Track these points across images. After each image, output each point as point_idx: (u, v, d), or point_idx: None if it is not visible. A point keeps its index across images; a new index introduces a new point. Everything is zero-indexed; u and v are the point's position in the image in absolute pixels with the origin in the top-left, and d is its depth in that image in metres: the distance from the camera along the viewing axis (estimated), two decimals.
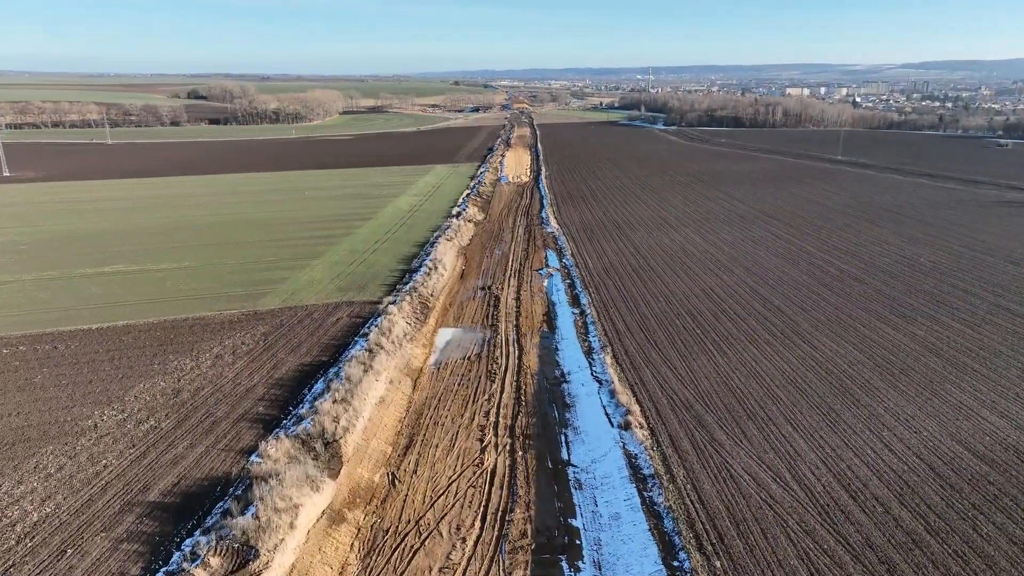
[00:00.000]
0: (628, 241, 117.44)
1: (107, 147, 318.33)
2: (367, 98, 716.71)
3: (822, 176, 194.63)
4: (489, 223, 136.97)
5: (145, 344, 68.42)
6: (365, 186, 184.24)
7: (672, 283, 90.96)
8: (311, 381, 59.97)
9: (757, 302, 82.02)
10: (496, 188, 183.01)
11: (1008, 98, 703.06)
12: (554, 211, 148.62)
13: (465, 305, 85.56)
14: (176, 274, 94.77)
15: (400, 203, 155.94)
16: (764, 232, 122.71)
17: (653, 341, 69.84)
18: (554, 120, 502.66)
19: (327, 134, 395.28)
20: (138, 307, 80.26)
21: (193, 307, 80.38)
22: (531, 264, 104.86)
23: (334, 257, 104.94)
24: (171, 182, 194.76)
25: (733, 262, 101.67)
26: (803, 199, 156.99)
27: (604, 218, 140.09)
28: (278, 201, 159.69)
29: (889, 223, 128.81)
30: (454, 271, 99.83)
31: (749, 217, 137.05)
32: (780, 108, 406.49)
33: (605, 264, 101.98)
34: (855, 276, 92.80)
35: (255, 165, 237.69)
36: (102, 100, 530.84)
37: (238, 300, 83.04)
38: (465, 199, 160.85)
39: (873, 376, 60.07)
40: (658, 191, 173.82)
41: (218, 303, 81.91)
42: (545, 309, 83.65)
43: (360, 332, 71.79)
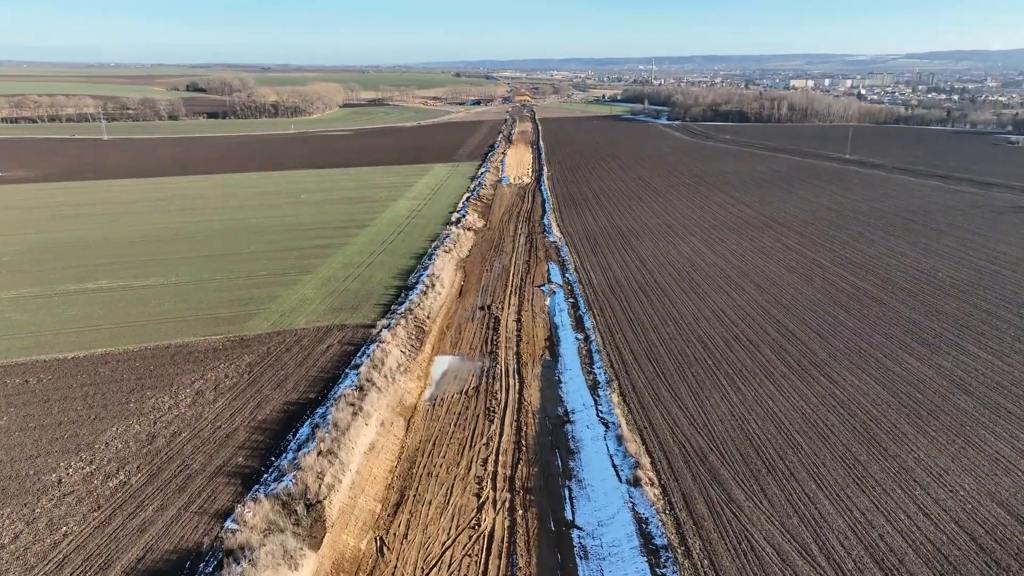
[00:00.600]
0: (633, 252, 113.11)
1: (103, 143, 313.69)
2: (367, 90, 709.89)
3: (831, 178, 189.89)
4: (489, 231, 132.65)
5: (123, 377, 64.37)
6: (363, 188, 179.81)
7: (680, 303, 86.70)
8: (296, 424, 55.91)
9: (771, 326, 77.80)
10: (497, 190, 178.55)
11: (1015, 90, 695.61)
12: (556, 217, 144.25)
13: (463, 328, 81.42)
14: (162, 292, 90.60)
15: (398, 208, 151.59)
16: (774, 242, 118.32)
17: (662, 374, 65.68)
18: (556, 114, 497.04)
19: (326, 129, 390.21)
20: (119, 331, 76.17)
21: (177, 331, 76.30)
22: (532, 279, 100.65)
23: (327, 271, 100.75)
24: (165, 183, 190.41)
25: (743, 277, 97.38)
26: (813, 204, 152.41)
27: (608, 225, 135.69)
28: (274, 205, 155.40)
29: (903, 232, 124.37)
30: (452, 287, 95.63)
31: (758, 225, 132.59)
32: (785, 103, 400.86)
33: (610, 280, 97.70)
34: (872, 295, 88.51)
35: (252, 164, 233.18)
36: (100, 93, 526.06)
37: (225, 323, 78.95)
38: (465, 203, 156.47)
39: (899, 419, 55.91)
40: (663, 194, 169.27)
41: (203, 326, 77.84)
42: (547, 333, 79.50)
43: (351, 363, 67.69)
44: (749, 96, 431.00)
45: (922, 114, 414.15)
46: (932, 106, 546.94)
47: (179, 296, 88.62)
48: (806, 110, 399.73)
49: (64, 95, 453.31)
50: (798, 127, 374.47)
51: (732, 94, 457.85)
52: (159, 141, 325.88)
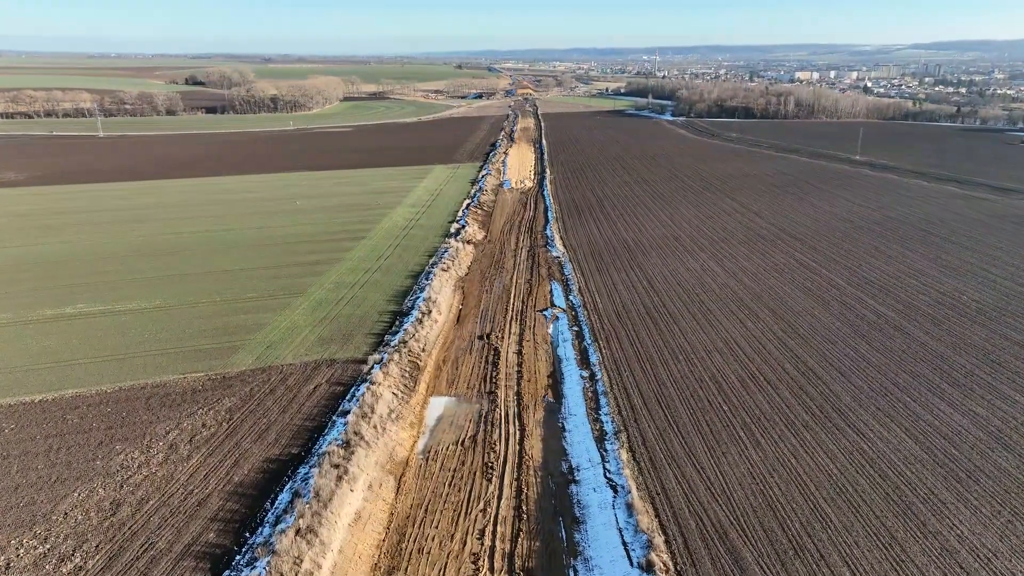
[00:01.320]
0: (640, 270, 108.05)
1: (98, 141, 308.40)
2: (368, 83, 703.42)
3: (843, 182, 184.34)
4: (490, 243, 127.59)
5: (92, 426, 59.64)
6: (360, 193, 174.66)
7: (691, 332, 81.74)
8: (276, 487, 51.19)
9: (788, 362, 72.84)
10: (498, 196, 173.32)
11: (1023, 83, 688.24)
12: (559, 227, 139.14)
13: (461, 361, 76.54)
14: (144, 319, 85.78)
15: (396, 217, 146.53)
16: (787, 258, 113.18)
17: (674, 423, 60.80)
18: (559, 109, 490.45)
19: (326, 125, 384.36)
20: (94, 368, 71.44)
21: (156, 367, 71.55)
22: (535, 301, 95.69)
23: (319, 293, 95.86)
24: (158, 188, 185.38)
25: (757, 301, 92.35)
26: (826, 213, 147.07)
27: (613, 237, 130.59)
28: (268, 212, 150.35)
29: (921, 246, 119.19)
30: (450, 312, 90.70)
31: (769, 237, 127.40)
32: (792, 98, 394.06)
33: (616, 304, 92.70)
34: (893, 322, 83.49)
35: (248, 164, 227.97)
36: (97, 87, 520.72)
37: (207, 357, 74.16)
38: (465, 211, 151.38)
39: (936, 483, 51.04)
40: (669, 201, 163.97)
41: (184, 361, 73.07)
42: (550, 368, 74.62)
43: (339, 408, 62.89)
44: (755, 92, 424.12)
45: (931, 110, 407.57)
46: (940, 100, 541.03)
47: (161, 324, 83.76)
48: (813, 106, 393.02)
49: (60, 90, 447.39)
50: (805, 124, 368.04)
51: (737, 89, 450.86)
52: (155, 138, 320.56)
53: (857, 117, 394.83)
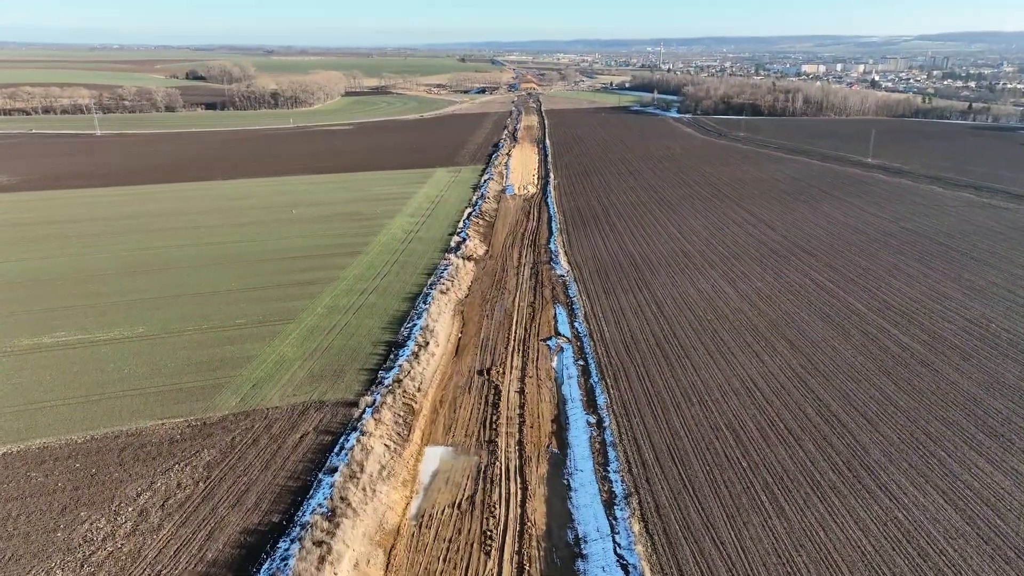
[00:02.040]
0: (648, 291, 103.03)
1: (94, 140, 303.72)
2: (370, 77, 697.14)
3: (855, 188, 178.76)
4: (491, 259, 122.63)
5: (57, 486, 55.05)
6: (359, 200, 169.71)
7: (704, 368, 76.81)
8: (252, 568, 46.46)
9: (810, 405, 67.89)
10: (501, 204, 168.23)
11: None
12: (564, 240, 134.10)
13: (459, 402, 71.73)
14: (125, 350, 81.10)
15: (394, 227, 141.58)
16: (802, 277, 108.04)
17: (690, 484, 55.95)
18: (563, 105, 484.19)
19: (326, 123, 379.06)
20: (66, 411, 66.81)
21: (132, 410, 66.91)
22: (538, 328, 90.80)
23: (312, 319, 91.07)
24: (151, 194, 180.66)
25: (773, 329, 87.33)
26: (840, 224, 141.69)
27: (619, 251, 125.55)
28: (263, 222, 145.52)
29: (942, 263, 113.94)
30: (449, 342, 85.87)
31: (782, 253, 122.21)
32: (800, 95, 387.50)
33: (624, 333, 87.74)
34: (920, 356, 78.46)
35: (245, 167, 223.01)
36: (97, 82, 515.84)
37: (188, 397, 69.48)
38: (466, 222, 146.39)
39: (983, 564, 46.19)
40: (677, 209, 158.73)
41: (164, 403, 68.41)
42: (554, 410, 69.79)
43: (326, 464, 58.13)
44: (762, 88, 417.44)
45: (941, 107, 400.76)
46: (950, 95, 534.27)
47: (143, 356, 79.04)
48: (821, 103, 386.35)
49: (58, 86, 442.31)
50: (814, 122, 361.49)
51: (744, 85, 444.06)
52: (153, 137, 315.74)
53: (866, 114, 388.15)
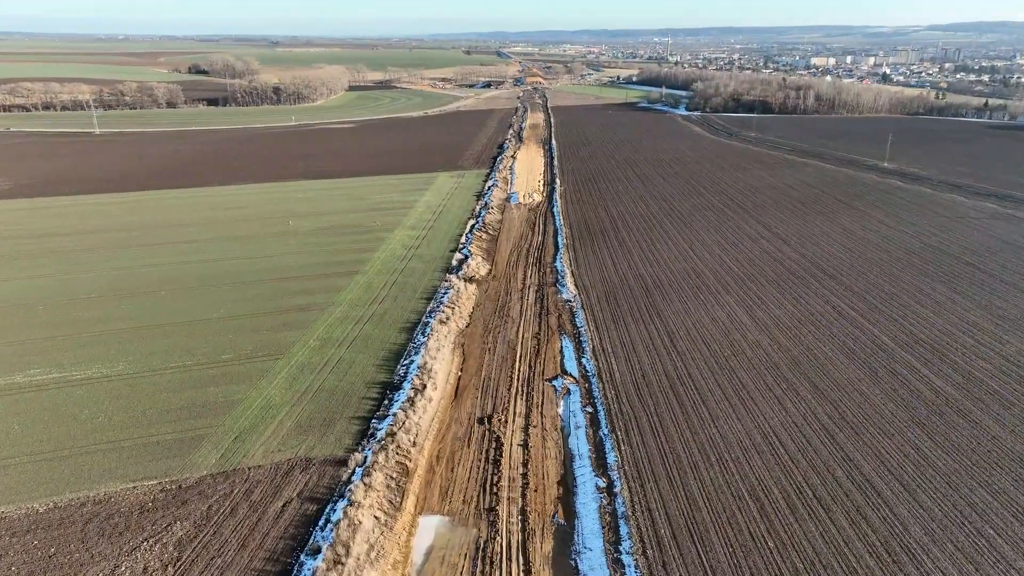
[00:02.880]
0: (660, 321, 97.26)
1: (92, 140, 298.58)
2: (375, 71, 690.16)
3: (873, 198, 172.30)
4: (494, 280, 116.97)
5: (9, 572, 49.80)
6: (359, 210, 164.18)
7: (723, 417, 71.16)
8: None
9: (840, 466, 62.23)
10: (505, 214, 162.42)
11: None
12: (570, 257, 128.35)
13: (458, 458, 66.27)
14: (101, 392, 75.90)
15: (394, 242, 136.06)
16: (823, 304, 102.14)
17: (712, 569, 50.39)
18: (569, 100, 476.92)
19: (328, 120, 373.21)
20: (31, 470, 61.71)
21: (103, 470, 61.76)
22: (543, 365, 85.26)
23: (303, 354, 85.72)
24: (145, 202, 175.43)
25: (795, 368, 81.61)
26: (859, 239, 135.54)
27: (628, 272, 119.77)
28: (258, 236, 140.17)
29: (970, 286, 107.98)
30: (447, 383, 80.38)
31: (800, 274, 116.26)
32: (812, 93, 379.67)
33: (635, 372, 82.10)
34: (955, 403, 72.72)
35: (243, 171, 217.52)
36: (99, 76, 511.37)
37: (164, 453, 64.25)
38: (469, 236, 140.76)
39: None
40: (687, 221, 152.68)
41: (138, 460, 63.22)
42: (561, 469, 64.32)
43: (310, 542, 52.76)
44: (773, 85, 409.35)
45: (956, 104, 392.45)
46: (963, 90, 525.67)
47: (120, 401, 73.78)
48: (834, 101, 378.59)
49: (58, 81, 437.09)
50: (826, 121, 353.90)
51: (754, 82, 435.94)
52: (152, 136, 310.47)
53: (879, 112, 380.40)
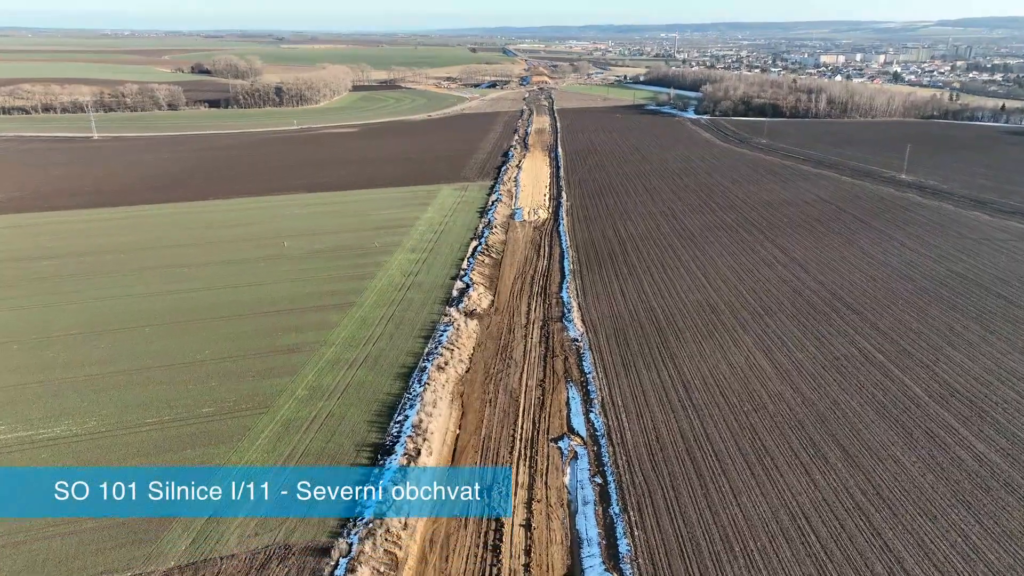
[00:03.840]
0: (673, 366, 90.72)
1: (90, 146, 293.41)
2: (379, 70, 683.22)
3: (893, 216, 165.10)
4: (497, 313, 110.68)
5: None
6: (357, 229, 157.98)
7: (746, 493, 64.62)
8: None
9: (880, 562, 55.71)
10: (509, 233, 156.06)
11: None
12: (577, 286, 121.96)
13: (453, 543, 59.91)
14: (67, 456, 69.81)
15: (393, 268, 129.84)
16: (847, 345, 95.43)
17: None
18: (575, 102, 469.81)
19: (331, 124, 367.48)
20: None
21: (58, 558, 55.60)
22: (548, 420, 78.92)
23: (289, 406, 79.53)
24: (136, 218, 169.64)
25: (821, 427, 75.02)
26: (880, 265, 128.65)
27: (639, 303, 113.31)
28: (248, 260, 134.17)
29: (1004, 323, 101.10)
30: (444, 445, 74.07)
31: (820, 307, 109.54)
32: (824, 96, 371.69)
33: (648, 433, 75.61)
34: (1003, 476, 66.06)
35: (239, 182, 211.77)
36: (100, 76, 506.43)
37: (130, 538, 58.15)
38: (471, 260, 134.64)
39: None
40: (700, 243, 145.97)
41: (100, 549, 57.20)
42: (567, 559, 58.01)
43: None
44: (783, 87, 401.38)
45: (971, 107, 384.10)
46: (977, 90, 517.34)
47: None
48: (846, 104, 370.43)
49: (59, 84, 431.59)
50: (839, 125, 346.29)
51: (764, 83, 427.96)
52: (150, 142, 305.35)
53: (893, 115, 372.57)
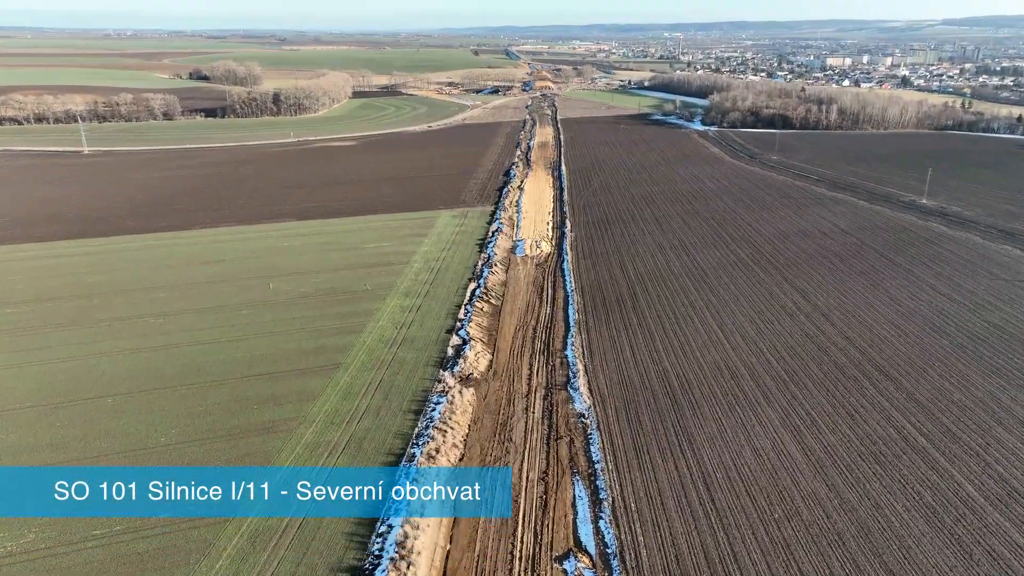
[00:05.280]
0: (692, 453, 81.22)
1: (78, 162, 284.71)
2: (380, 75, 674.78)
3: (917, 251, 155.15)
4: (496, 378, 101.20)
5: None
6: (347, 267, 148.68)
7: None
8: None
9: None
10: (510, 271, 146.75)
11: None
12: (583, 343, 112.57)
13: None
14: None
15: (384, 317, 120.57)
16: (884, 424, 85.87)
17: None
18: (579, 111, 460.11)
19: (328, 136, 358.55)
20: None
21: None
22: (552, 528, 69.51)
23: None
24: (113, 252, 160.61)
25: (865, 544, 65.46)
26: (909, 314, 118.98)
27: (650, 365, 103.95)
28: (229, 307, 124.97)
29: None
30: (432, 568, 64.61)
31: (850, 371, 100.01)
32: (835, 107, 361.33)
33: (667, 552, 66.06)
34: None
35: (227, 207, 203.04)
36: (96, 84, 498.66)
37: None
38: (469, 305, 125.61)
39: None
40: (714, 286, 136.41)
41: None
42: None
43: None
44: (793, 98, 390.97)
45: (986, 116, 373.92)
46: (989, 96, 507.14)
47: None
48: (858, 115, 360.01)
49: (52, 94, 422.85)
50: (851, 138, 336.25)
51: (772, 92, 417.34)
52: (141, 158, 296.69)
53: (906, 127, 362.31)
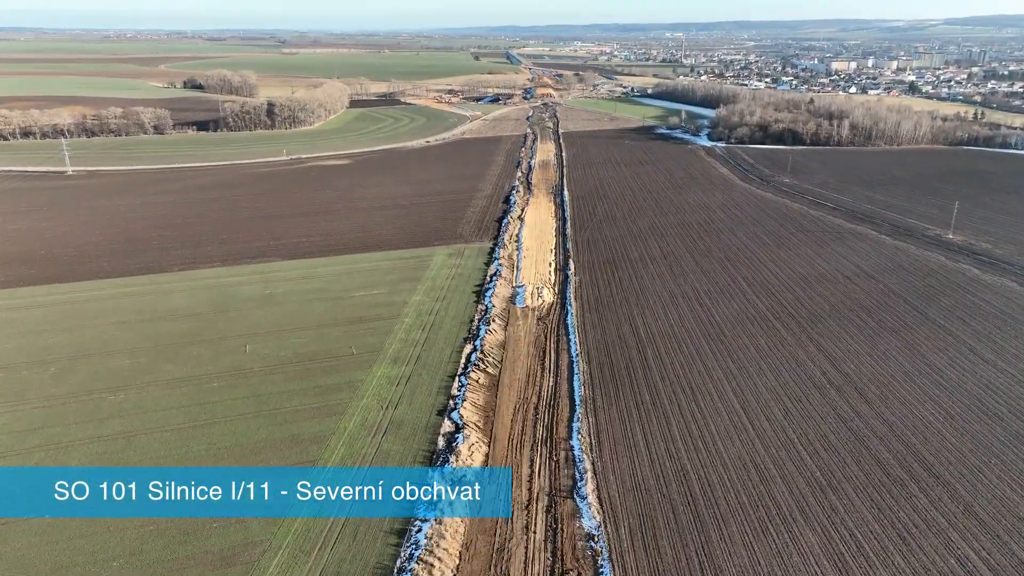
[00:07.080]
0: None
1: (60, 185, 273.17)
2: (379, 82, 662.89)
3: (951, 301, 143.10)
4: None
5: None
6: (333, 322, 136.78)
7: None
8: None
9: None
10: (509, 328, 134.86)
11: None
12: (591, 432, 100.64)
13: None
14: None
15: (369, 392, 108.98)
16: (944, 554, 74.04)
17: None
18: (582, 123, 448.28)
19: (322, 153, 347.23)
20: None
21: None
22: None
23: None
24: (79, 303, 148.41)
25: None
26: (954, 392, 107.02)
27: (667, 462, 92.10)
28: (201, 377, 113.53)
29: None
30: None
31: (894, 473, 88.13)
32: (846, 122, 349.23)
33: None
34: None
35: (208, 242, 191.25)
36: (87, 95, 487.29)
37: None
38: (464, 375, 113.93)
39: None
40: (732, 349, 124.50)
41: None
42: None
43: None
44: (802, 112, 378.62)
45: (1002, 130, 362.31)
46: (1001, 105, 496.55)
47: None
48: (870, 131, 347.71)
49: (38, 108, 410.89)
50: (864, 156, 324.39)
51: (780, 104, 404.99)
52: (126, 180, 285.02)
53: (920, 142, 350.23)
